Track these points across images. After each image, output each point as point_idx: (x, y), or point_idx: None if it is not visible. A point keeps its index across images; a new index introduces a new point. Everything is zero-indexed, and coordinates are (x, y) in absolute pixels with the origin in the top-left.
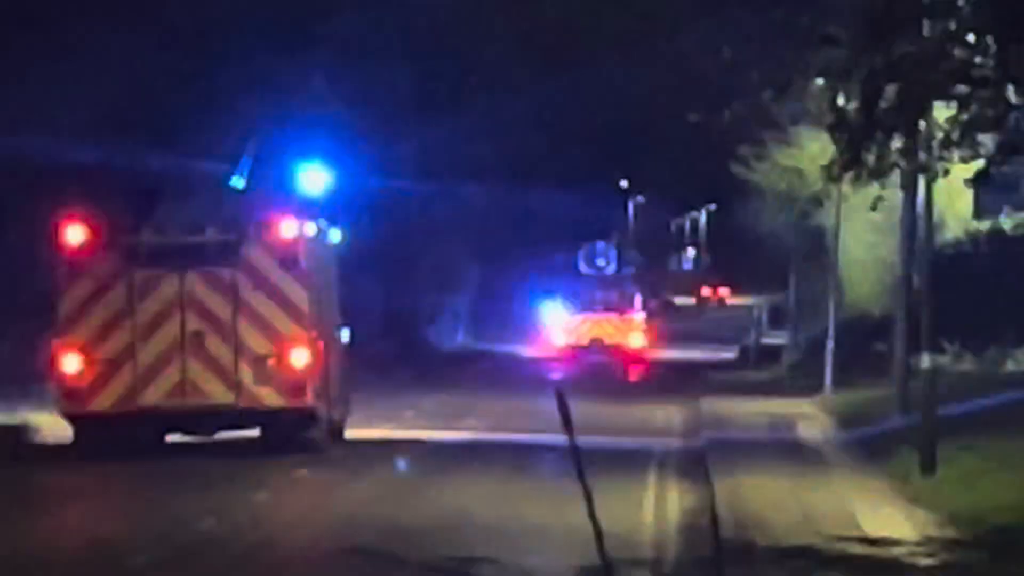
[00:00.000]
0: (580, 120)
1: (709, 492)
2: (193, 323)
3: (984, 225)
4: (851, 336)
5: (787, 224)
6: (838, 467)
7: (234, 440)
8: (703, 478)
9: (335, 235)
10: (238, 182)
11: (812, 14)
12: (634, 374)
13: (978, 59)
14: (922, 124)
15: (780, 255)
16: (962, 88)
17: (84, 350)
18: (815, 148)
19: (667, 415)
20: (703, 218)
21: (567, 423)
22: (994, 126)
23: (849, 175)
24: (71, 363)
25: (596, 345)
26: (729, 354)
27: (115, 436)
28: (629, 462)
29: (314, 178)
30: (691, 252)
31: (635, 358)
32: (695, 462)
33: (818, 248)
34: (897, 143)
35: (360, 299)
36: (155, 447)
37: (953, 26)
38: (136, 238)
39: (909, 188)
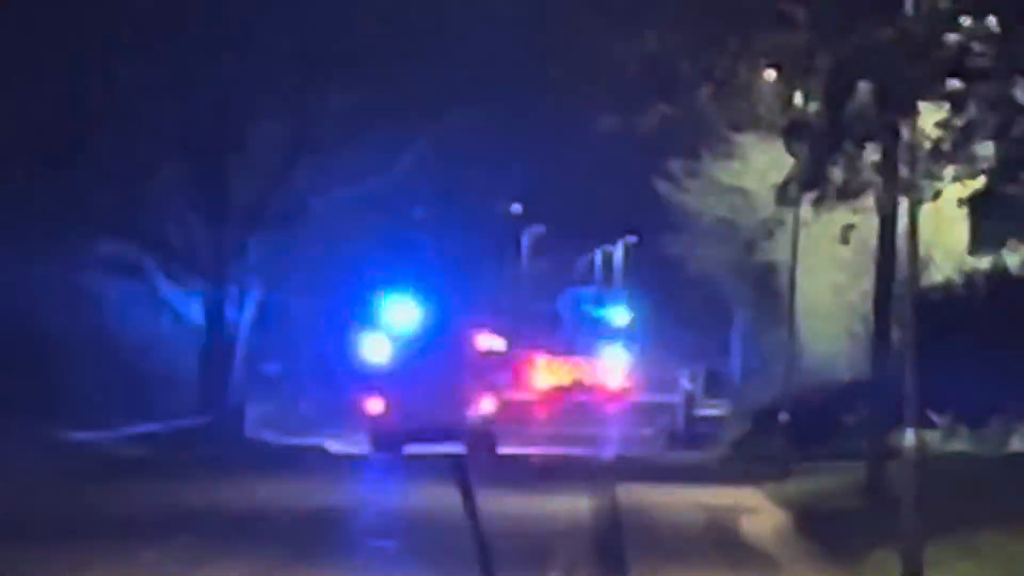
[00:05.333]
0: (456, 128)
1: None
2: (433, 386)
3: (983, 262)
4: (811, 406)
5: (729, 261)
6: (793, 575)
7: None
8: None
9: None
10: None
11: None
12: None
13: (976, 46)
14: (904, 131)
15: (719, 301)
16: (956, 84)
17: (381, 397)
18: (764, 162)
19: (573, 507)
20: (619, 254)
21: (472, 516)
22: (997, 133)
23: (810, 197)
24: (375, 404)
25: (576, 386)
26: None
27: (393, 443)
28: (524, 560)
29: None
30: None
31: (614, 398)
32: (612, 566)
33: (768, 292)
34: (872, 155)
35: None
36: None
37: (945, 4)
38: (404, 344)
39: (887, 214)
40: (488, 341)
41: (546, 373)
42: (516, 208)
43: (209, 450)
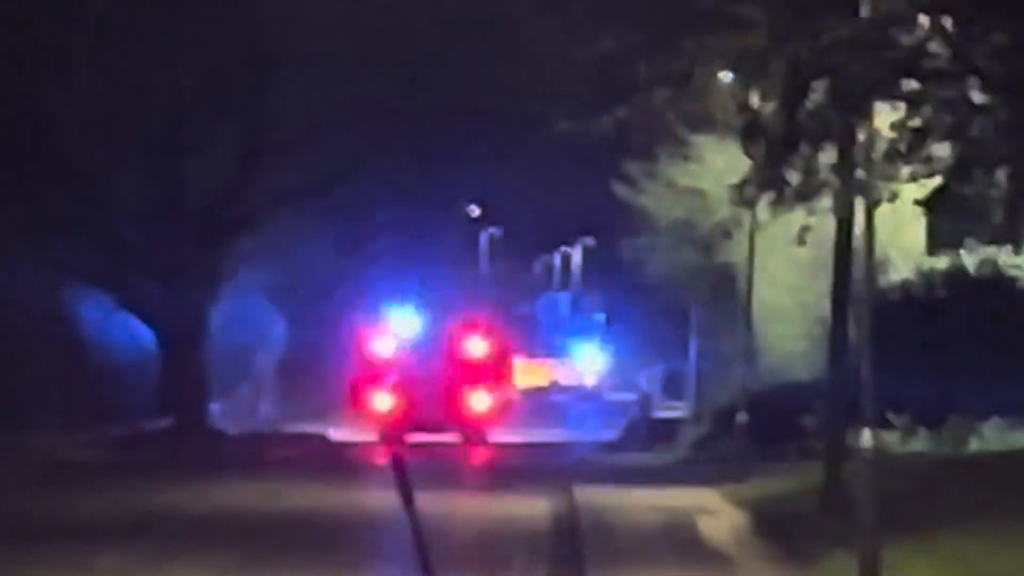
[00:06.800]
0: (412, 128)
1: None
2: (432, 385)
3: (940, 262)
4: (769, 406)
5: (686, 263)
6: (749, 575)
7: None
8: None
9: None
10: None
11: None
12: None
13: (932, 46)
14: (860, 132)
15: (677, 303)
16: (911, 84)
17: (387, 394)
18: (721, 163)
19: (532, 508)
20: (577, 256)
21: (408, 502)
22: (953, 133)
23: (767, 198)
24: (381, 400)
25: (553, 387)
26: None
27: (398, 434)
28: (487, 557)
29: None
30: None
31: (588, 398)
32: (570, 565)
33: (726, 293)
34: (828, 156)
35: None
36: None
37: (900, 5)
38: (403, 343)
39: (844, 215)
40: (477, 344)
41: (524, 374)
42: (473, 210)
43: (171, 452)
